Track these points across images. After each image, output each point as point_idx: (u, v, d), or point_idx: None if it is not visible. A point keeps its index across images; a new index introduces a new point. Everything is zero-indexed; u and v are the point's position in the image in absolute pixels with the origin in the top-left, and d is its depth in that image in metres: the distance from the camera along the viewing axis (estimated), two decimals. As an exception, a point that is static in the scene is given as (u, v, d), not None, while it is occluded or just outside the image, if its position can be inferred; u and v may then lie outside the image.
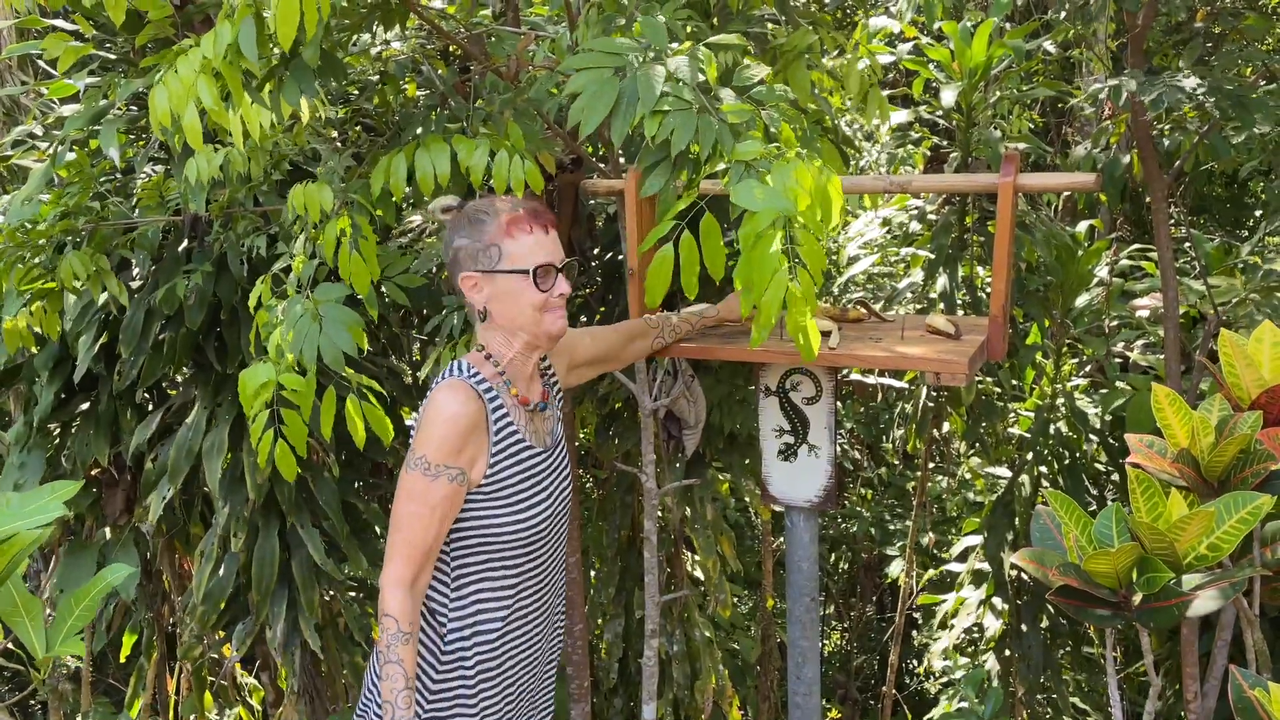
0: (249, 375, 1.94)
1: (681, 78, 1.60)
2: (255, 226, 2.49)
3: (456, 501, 1.77)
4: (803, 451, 2.20)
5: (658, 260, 1.70)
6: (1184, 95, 2.48)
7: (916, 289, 3.67)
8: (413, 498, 1.75)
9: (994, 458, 4.44)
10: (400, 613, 1.74)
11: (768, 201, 1.44)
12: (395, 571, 1.76)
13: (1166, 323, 2.98)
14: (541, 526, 1.88)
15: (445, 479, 1.74)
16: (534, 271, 1.79)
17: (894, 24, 3.21)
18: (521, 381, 1.90)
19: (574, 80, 1.63)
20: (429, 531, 1.75)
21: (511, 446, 1.84)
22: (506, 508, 1.82)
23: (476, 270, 1.82)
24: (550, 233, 1.84)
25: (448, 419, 1.75)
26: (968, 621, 4.19)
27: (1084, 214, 4.83)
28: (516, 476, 1.84)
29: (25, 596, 0.97)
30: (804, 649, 2.30)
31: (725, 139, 1.54)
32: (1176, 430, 1.30)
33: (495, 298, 1.83)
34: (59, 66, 2.21)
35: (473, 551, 1.84)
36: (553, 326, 1.84)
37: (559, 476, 1.96)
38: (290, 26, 1.63)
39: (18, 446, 3.18)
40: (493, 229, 1.81)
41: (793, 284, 1.45)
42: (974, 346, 1.94)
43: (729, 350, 2.11)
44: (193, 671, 3.66)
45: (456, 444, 1.74)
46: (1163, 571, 1.14)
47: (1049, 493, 1.26)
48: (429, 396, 1.81)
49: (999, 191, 1.91)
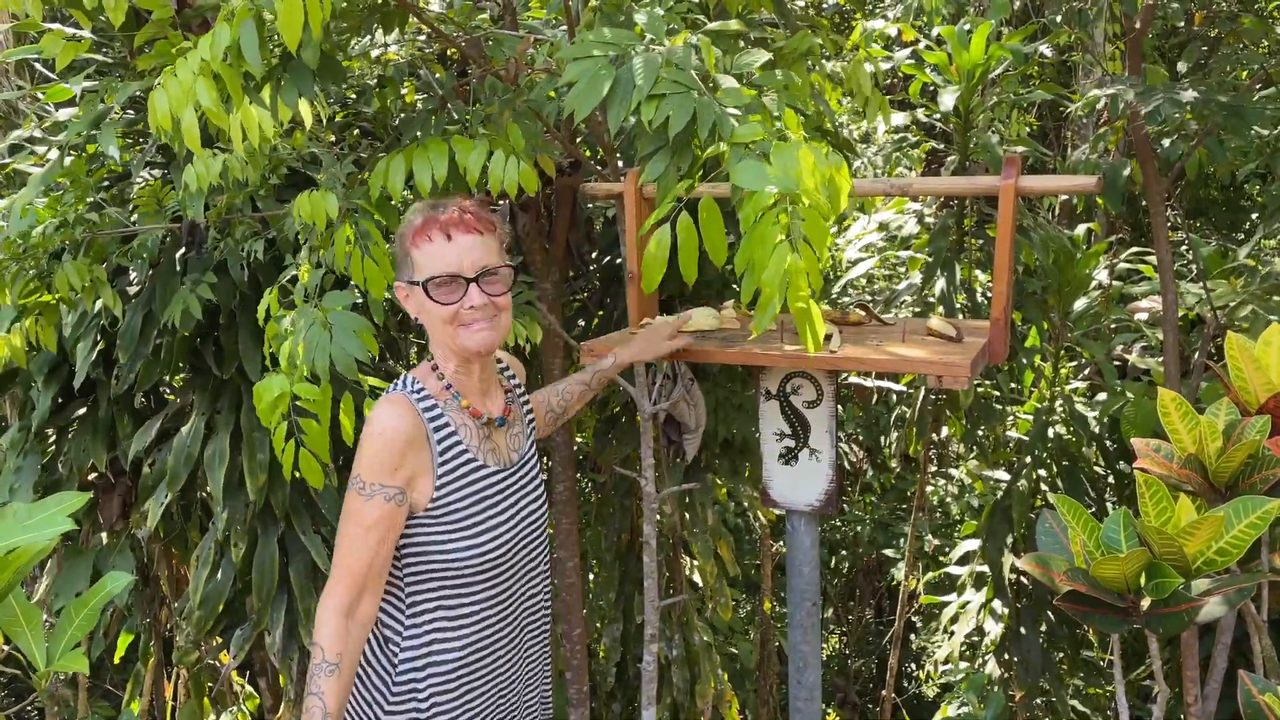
0: (263, 388, 1.93)
1: (679, 63, 1.58)
2: (253, 232, 2.48)
3: (395, 523, 1.65)
4: (804, 455, 2.19)
5: (654, 243, 1.62)
6: (1181, 106, 2.48)
7: (915, 291, 3.67)
8: (349, 519, 1.64)
9: (993, 461, 4.44)
10: (327, 641, 1.63)
11: (769, 179, 1.40)
12: (330, 597, 1.65)
13: (1166, 326, 2.98)
14: (501, 552, 1.74)
15: (380, 499, 1.62)
16: (425, 284, 1.67)
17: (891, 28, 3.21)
18: (472, 394, 1.78)
19: (569, 70, 1.61)
20: (365, 555, 1.63)
21: (460, 467, 1.71)
22: (457, 533, 1.70)
23: (403, 280, 1.74)
24: (461, 238, 1.67)
25: (379, 434, 1.64)
26: (968, 627, 4.18)
27: (1082, 217, 4.83)
28: (468, 499, 1.71)
29: (26, 608, 0.95)
30: (805, 654, 2.29)
31: (724, 122, 1.52)
32: (1183, 435, 1.30)
33: (418, 310, 1.74)
34: (57, 64, 2.20)
35: (425, 579, 1.72)
36: (469, 341, 1.70)
37: (524, 496, 1.82)
38: (295, 29, 1.63)
39: (14, 452, 3.16)
40: (407, 237, 1.71)
41: (794, 257, 1.40)
42: (975, 349, 1.93)
43: (730, 354, 2.09)
44: (190, 677, 3.64)
45: (390, 461, 1.63)
46: (1172, 577, 1.13)
47: (1056, 497, 1.26)
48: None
49: (1000, 194, 1.90)
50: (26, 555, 0.88)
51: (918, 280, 3.65)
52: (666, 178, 1.62)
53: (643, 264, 1.64)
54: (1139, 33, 2.91)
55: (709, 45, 1.65)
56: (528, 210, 2.83)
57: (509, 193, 2.04)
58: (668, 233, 1.60)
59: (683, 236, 1.57)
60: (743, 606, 6.34)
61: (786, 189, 1.40)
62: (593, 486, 4.13)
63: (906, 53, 3.49)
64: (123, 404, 3.06)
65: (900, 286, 3.74)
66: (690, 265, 1.59)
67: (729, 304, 2.43)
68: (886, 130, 4.10)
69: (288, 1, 1.60)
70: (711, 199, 1.57)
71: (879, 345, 2.01)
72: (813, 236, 1.43)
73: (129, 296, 2.82)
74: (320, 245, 2.06)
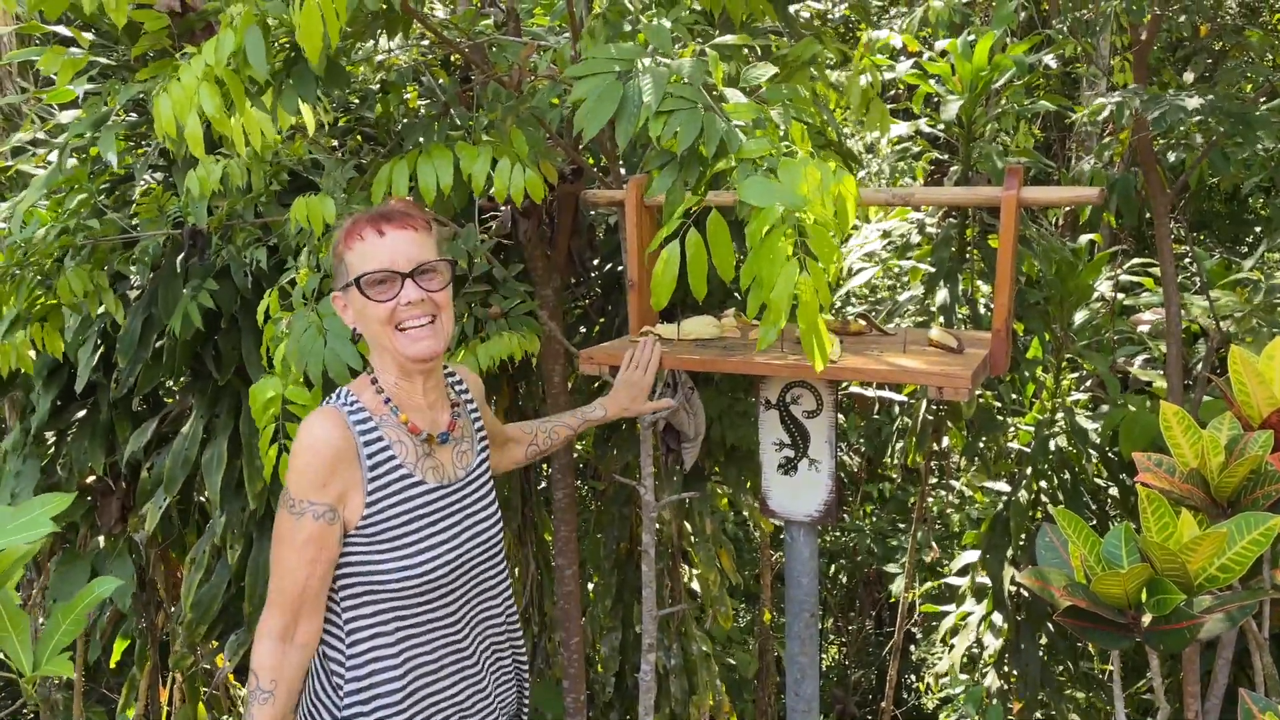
0: (258, 390, 1.93)
1: (687, 77, 1.58)
2: (255, 238, 2.48)
3: (327, 543, 1.56)
4: (803, 465, 2.18)
5: (663, 260, 1.60)
6: (1187, 113, 2.48)
7: (917, 302, 3.66)
8: (279, 539, 1.57)
9: (993, 472, 4.43)
10: (261, 667, 1.56)
11: (776, 195, 1.39)
12: (266, 621, 1.58)
13: (1169, 338, 2.97)
14: (442, 572, 1.64)
15: (310, 517, 1.54)
16: (358, 281, 1.58)
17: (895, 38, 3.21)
18: (414, 409, 1.69)
19: (578, 87, 1.60)
20: (298, 576, 1.55)
21: (394, 483, 1.62)
22: (391, 552, 1.60)
23: (338, 289, 1.66)
24: (394, 233, 1.60)
25: (307, 449, 1.56)
26: (968, 639, 4.17)
27: (1084, 228, 4.83)
28: (403, 516, 1.61)
29: (13, 612, 0.94)
30: (803, 665, 2.27)
31: (732, 138, 1.51)
32: (1185, 450, 1.29)
33: (356, 318, 1.65)
34: (58, 79, 2.20)
35: (361, 602, 1.62)
36: (409, 349, 1.61)
37: (471, 515, 1.72)
38: (315, 39, 1.62)
39: (14, 455, 3.16)
40: (340, 243, 1.63)
41: (803, 276, 1.39)
42: (976, 361, 1.92)
43: (730, 363, 2.09)
44: (185, 682, 3.63)
45: (318, 477, 1.55)
46: (1173, 593, 1.12)
47: (1056, 511, 1.24)
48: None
49: (1002, 205, 1.90)
50: (9, 559, 0.87)
51: (919, 291, 3.64)
52: (674, 193, 1.60)
53: (652, 281, 1.62)
54: (1145, 44, 2.91)
55: (717, 59, 1.64)
56: (529, 216, 2.83)
57: (514, 199, 2.03)
58: (677, 249, 1.58)
59: (691, 253, 1.56)
60: (741, 616, 6.32)
61: (794, 205, 1.39)
62: (592, 494, 4.12)
63: (910, 63, 3.48)
64: (122, 407, 3.06)
65: (902, 297, 3.73)
66: (700, 281, 1.58)
67: (729, 312, 2.43)
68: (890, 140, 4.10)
69: (307, 13, 1.60)
70: (719, 216, 1.56)
71: (880, 355, 2.01)
72: (820, 253, 1.42)
73: (129, 300, 2.82)
74: (319, 249, 2.06)
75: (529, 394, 3.64)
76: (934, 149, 3.95)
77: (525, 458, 2.09)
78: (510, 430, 2.08)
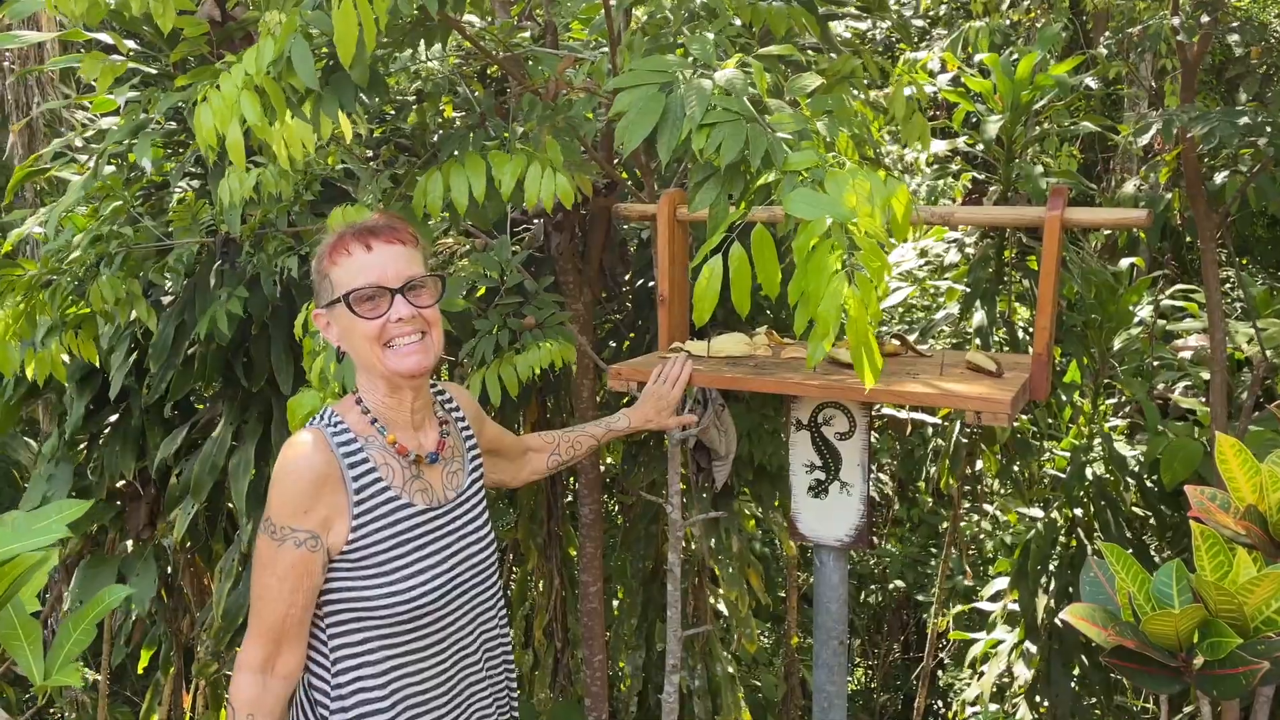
0: (295, 404, 1.92)
1: (731, 90, 1.54)
2: (287, 246, 2.48)
3: (310, 571, 1.50)
4: (834, 488, 2.14)
5: (705, 274, 1.55)
6: (1237, 129, 2.42)
7: (953, 322, 3.60)
8: (262, 566, 1.50)
9: (1028, 498, 4.35)
10: (240, 701, 1.50)
11: (823, 207, 1.34)
12: (245, 652, 1.52)
13: (1214, 366, 2.89)
14: (431, 598, 1.57)
15: (291, 544, 1.48)
16: (346, 298, 1.53)
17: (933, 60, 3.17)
18: (401, 427, 1.63)
19: (620, 99, 1.57)
20: (279, 605, 1.49)
21: (380, 506, 1.55)
22: (379, 578, 1.53)
23: (321, 306, 1.61)
24: (381, 248, 1.55)
25: (288, 474, 1.50)
26: (999, 668, 4.08)
27: (1124, 252, 4.74)
28: (390, 541, 1.55)
29: (25, 620, 0.93)
30: (830, 694, 2.22)
31: (777, 150, 1.47)
32: (1242, 485, 1.23)
33: (341, 336, 1.59)
34: (98, 87, 2.22)
35: (347, 630, 1.56)
36: (398, 365, 1.55)
37: (462, 538, 1.66)
38: (349, 43, 1.61)
39: (48, 459, 3.18)
40: (324, 257, 1.58)
41: (851, 290, 1.34)
42: (1016, 385, 1.87)
43: (760, 381, 2.05)
44: (208, 689, 3.63)
45: (301, 503, 1.49)
46: (1229, 636, 1.06)
47: (1105, 545, 1.19)
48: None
49: (1046, 226, 1.85)
50: (24, 565, 0.86)
51: (955, 310, 3.59)
52: (718, 206, 1.56)
53: (694, 296, 1.57)
54: (1193, 64, 2.85)
55: (761, 71, 1.60)
56: (561, 230, 2.82)
57: (545, 206, 2.01)
58: (719, 264, 1.53)
59: (735, 267, 1.51)
60: (767, 637, 6.24)
61: (841, 217, 1.34)
62: (620, 509, 4.09)
63: (951, 76, 3.44)
64: (153, 413, 3.07)
65: (937, 316, 3.67)
66: (743, 297, 1.52)
67: (761, 330, 2.39)
68: (928, 158, 4.06)
69: (343, 16, 1.59)
70: (764, 230, 1.51)
71: (916, 378, 1.96)
72: (870, 266, 1.36)
73: (163, 307, 2.84)
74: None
75: (557, 408, 3.62)
76: (972, 168, 3.90)
77: (547, 468, 2.05)
78: (530, 440, 2.05)
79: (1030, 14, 4.68)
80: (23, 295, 2.48)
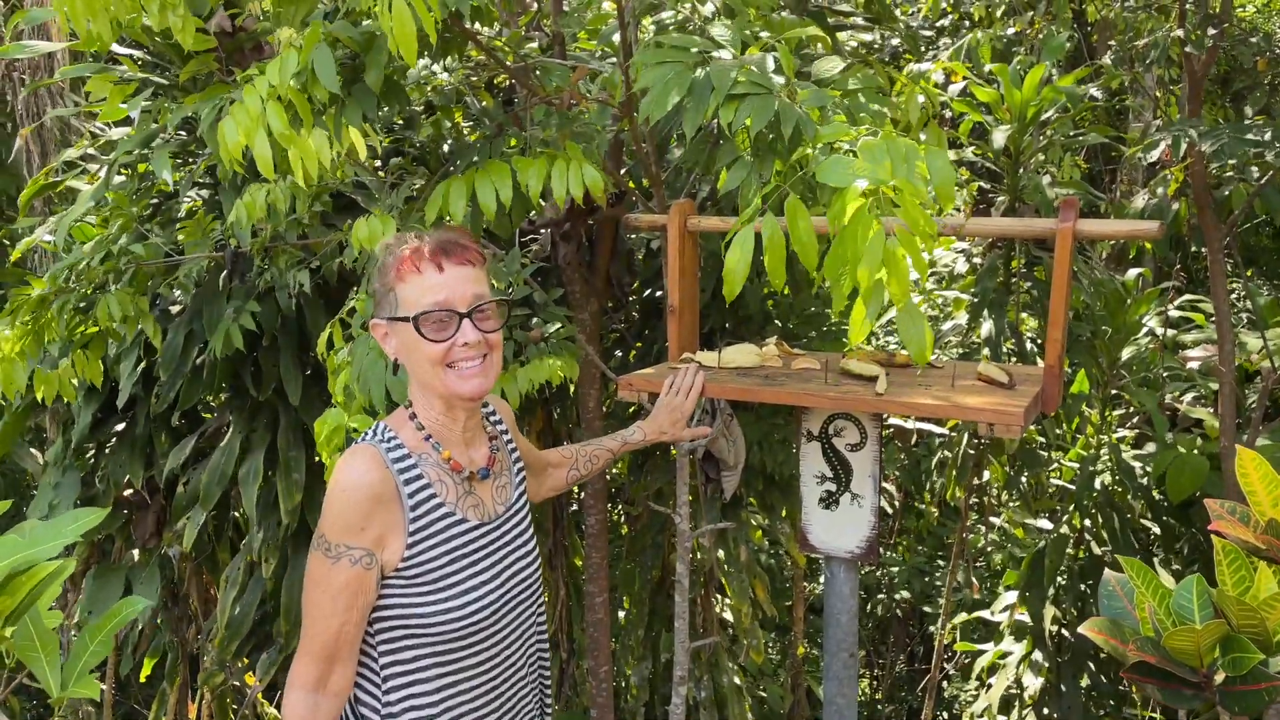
0: (321, 423, 1.91)
1: (757, 66, 1.51)
2: (297, 259, 2.48)
3: (365, 589, 1.50)
4: (845, 500, 2.13)
5: (736, 248, 1.47)
6: (1245, 145, 2.41)
7: (960, 332, 3.60)
8: (315, 584, 1.50)
9: (1035, 509, 4.33)
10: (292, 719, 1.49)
11: (857, 172, 1.28)
12: (297, 670, 1.51)
13: (1223, 377, 2.89)
14: (485, 614, 1.57)
15: (347, 562, 1.47)
16: (415, 319, 1.51)
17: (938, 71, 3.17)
18: (454, 444, 1.62)
19: (644, 75, 1.54)
20: (332, 623, 1.48)
21: (436, 523, 1.55)
22: (434, 594, 1.53)
23: (382, 318, 1.59)
24: (453, 270, 1.53)
25: (344, 491, 1.49)
26: (1007, 680, 4.06)
27: (1132, 262, 4.74)
28: (444, 557, 1.55)
29: (42, 631, 0.93)
30: (840, 706, 2.21)
31: (807, 124, 1.42)
32: (1263, 498, 1.22)
33: (400, 350, 1.58)
34: (107, 105, 2.21)
35: (399, 647, 1.55)
36: (460, 387, 1.54)
37: (512, 552, 1.66)
38: (410, 41, 1.59)
39: (55, 467, 3.18)
40: (391, 271, 1.55)
41: (891, 242, 1.26)
42: (1028, 397, 1.87)
43: (771, 392, 2.04)
44: (214, 699, 3.62)
45: (356, 521, 1.48)
46: (1251, 652, 1.06)
47: (1123, 559, 1.19)
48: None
49: (1057, 237, 1.85)
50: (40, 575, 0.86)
51: (963, 321, 3.58)
52: (748, 186, 1.53)
53: (724, 269, 1.49)
54: (1199, 76, 2.85)
55: (788, 52, 1.57)
56: (569, 240, 2.82)
57: (576, 198, 2.00)
58: (750, 237, 1.46)
59: (769, 238, 1.43)
60: (773, 647, 6.22)
61: (877, 181, 1.27)
62: (625, 519, 4.08)
63: (958, 88, 3.45)
64: (161, 422, 3.07)
65: (945, 327, 3.67)
66: (778, 270, 1.45)
67: (770, 340, 2.39)
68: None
69: (399, 17, 1.58)
70: (798, 200, 1.43)
71: (928, 389, 1.95)
72: (912, 225, 1.28)
73: (171, 316, 2.84)
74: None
75: (563, 418, 3.62)
76: (978, 178, 3.90)
77: (567, 483, 2.05)
78: (550, 456, 2.04)
79: (1035, 24, 4.68)
80: (30, 315, 2.48)
